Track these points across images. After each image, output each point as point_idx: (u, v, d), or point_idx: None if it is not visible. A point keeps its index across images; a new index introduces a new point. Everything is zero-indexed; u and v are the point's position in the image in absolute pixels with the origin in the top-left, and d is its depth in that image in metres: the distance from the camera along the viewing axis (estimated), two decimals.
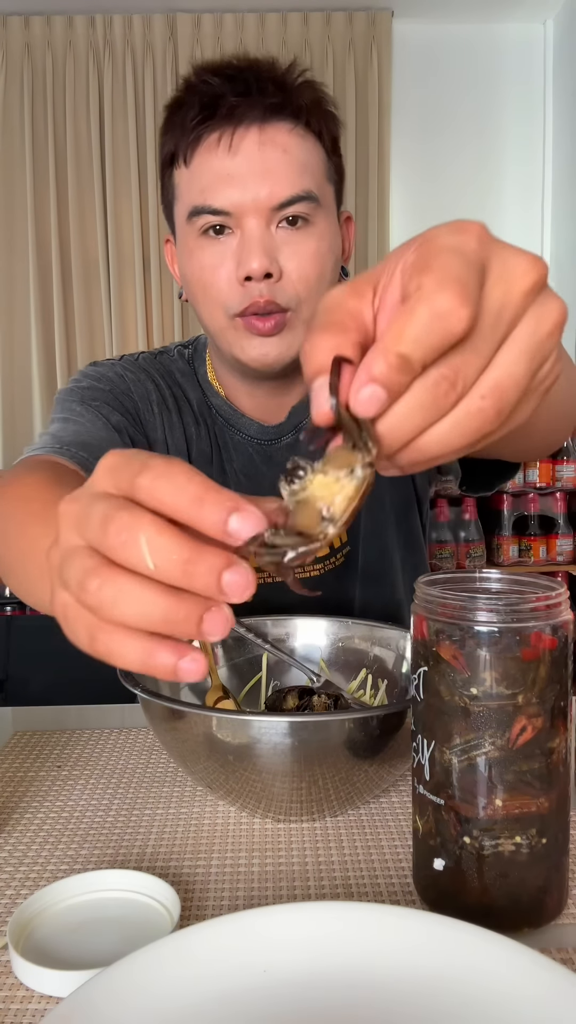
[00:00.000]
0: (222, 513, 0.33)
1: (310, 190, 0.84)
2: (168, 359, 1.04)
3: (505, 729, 0.51)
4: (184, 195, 0.86)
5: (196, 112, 0.82)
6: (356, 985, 0.45)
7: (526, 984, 0.43)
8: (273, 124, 0.82)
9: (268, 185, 0.82)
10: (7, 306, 3.68)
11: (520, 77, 3.74)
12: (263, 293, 0.83)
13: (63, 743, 0.84)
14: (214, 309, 0.87)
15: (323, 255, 0.86)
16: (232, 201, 0.82)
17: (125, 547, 0.33)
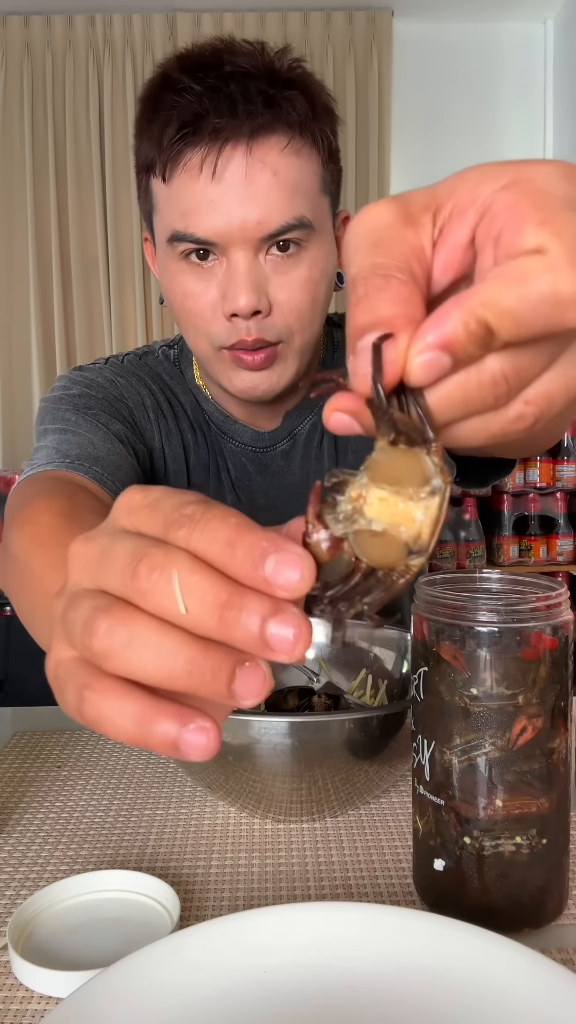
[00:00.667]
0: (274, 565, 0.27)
1: (302, 216, 0.76)
2: (154, 360, 0.97)
3: (505, 729, 0.51)
4: (164, 212, 0.78)
5: (175, 130, 0.73)
6: (356, 986, 0.45)
7: (526, 985, 0.43)
8: (262, 142, 0.73)
9: (256, 213, 0.74)
10: (7, 306, 3.68)
11: (520, 77, 3.74)
12: (251, 331, 0.77)
13: (63, 743, 0.84)
14: (198, 337, 0.81)
15: (316, 282, 0.79)
16: (216, 230, 0.74)
17: (156, 588, 0.27)
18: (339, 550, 0.29)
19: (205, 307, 0.78)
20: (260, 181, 0.73)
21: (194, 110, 0.73)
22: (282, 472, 0.96)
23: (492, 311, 0.25)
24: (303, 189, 0.76)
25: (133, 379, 0.93)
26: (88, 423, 0.84)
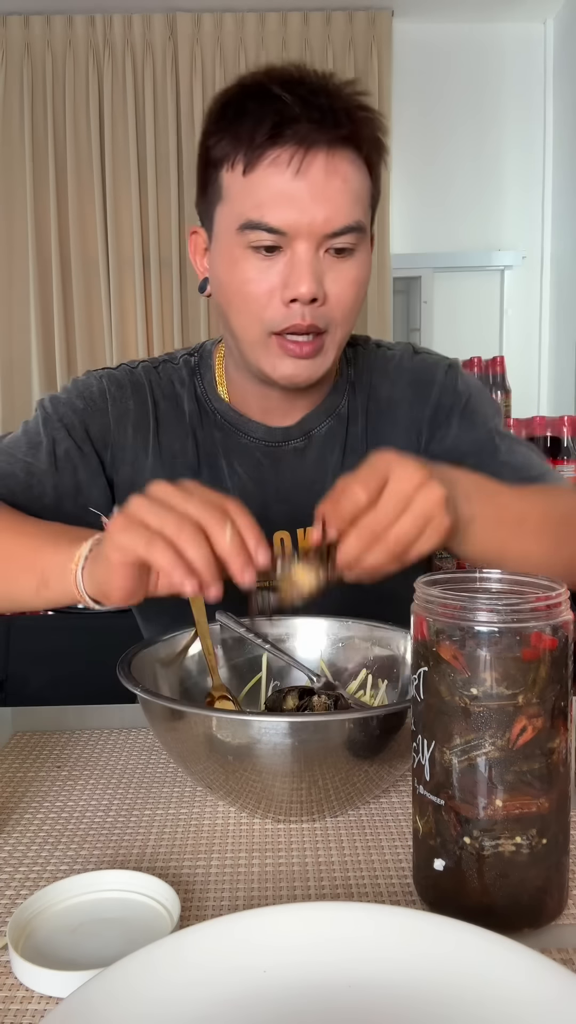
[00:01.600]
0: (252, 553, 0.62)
1: (360, 220, 0.86)
2: (171, 368, 1.04)
3: (505, 729, 0.51)
4: (235, 203, 0.86)
5: (268, 128, 0.82)
6: (356, 986, 0.45)
7: (526, 985, 0.43)
8: (339, 153, 0.83)
9: (326, 211, 0.83)
10: (7, 306, 3.68)
11: (520, 77, 3.74)
12: (305, 317, 0.85)
13: (63, 743, 0.84)
14: (250, 322, 0.88)
15: (361, 283, 0.89)
16: (288, 221, 0.83)
17: (220, 528, 0.61)
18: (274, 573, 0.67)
19: (264, 293, 0.86)
20: (333, 184, 0.83)
21: (288, 114, 0.82)
22: (295, 468, 1.01)
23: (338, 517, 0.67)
24: (361, 199, 0.87)
25: (128, 390, 1.01)
26: (45, 434, 0.97)
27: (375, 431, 1.02)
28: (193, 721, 0.64)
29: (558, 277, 3.72)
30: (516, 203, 3.79)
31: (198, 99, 3.65)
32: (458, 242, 3.75)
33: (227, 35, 3.64)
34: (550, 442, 2.99)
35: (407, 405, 1.02)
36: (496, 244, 3.81)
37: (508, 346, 3.83)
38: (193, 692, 0.81)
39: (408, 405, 1.02)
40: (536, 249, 3.82)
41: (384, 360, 1.05)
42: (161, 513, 0.61)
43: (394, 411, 1.02)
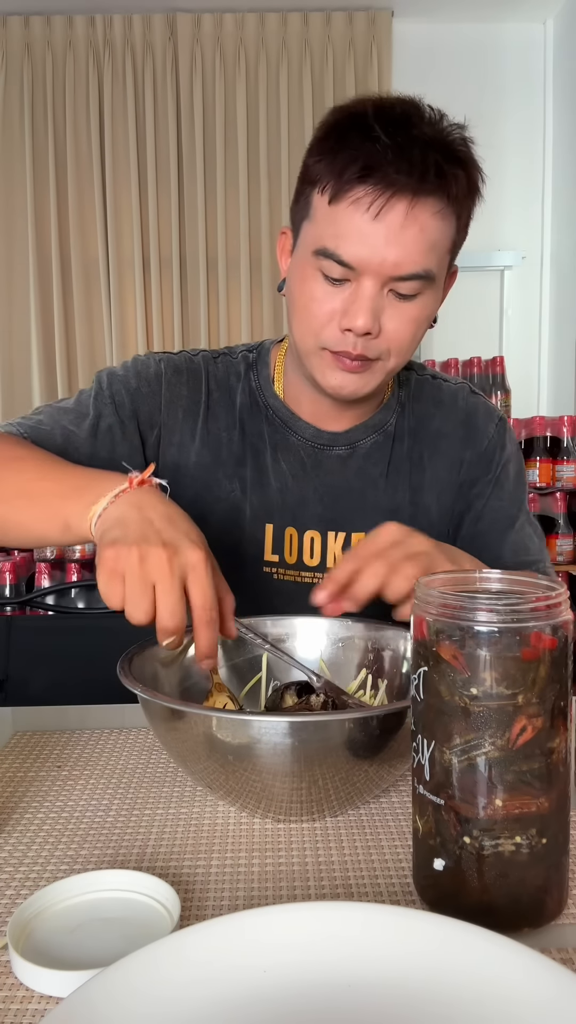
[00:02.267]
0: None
1: (430, 269, 0.88)
2: (229, 361, 1.08)
3: (505, 729, 0.51)
4: (318, 226, 0.89)
5: (357, 169, 0.84)
6: (356, 985, 0.45)
7: (527, 984, 0.43)
8: (422, 202, 0.85)
9: (396, 256, 0.86)
10: (7, 306, 3.68)
11: (520, 77, 3.74)
12: (357, 347, 0.89)
13: (63, 743, 0.84)
14: (307, 334, 0.92)
15: (420, 322, 0.91)
16: (360, 258, 0.86)
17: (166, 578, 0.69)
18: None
19: (325, 314, 0.90)
20: (409, 232, 0.86)
21: (379, 158, 0.84)
22: (336, 473, 1.04)
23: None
24: (437, 248, 0.89)
25: (184, 377, 1.05)
26: (93, 407, 1.01)
27: (419, 456, 1.06)
28: (193, 721, 0.64)
29: (558, 277, 3.72)
30: (516, 203, 3.79)
31: (198, 99, 3.65)
32: None
33: (227, 35, 3.64)
34: (550, 442, 2.99)
35: (456, 441, 1.07)
36: (496, 244, 3.81)
37: (508, 346, 3.83)
38: (193, 692, 0.81)
39: (457, 441, 1.07)
40: (536, 249, 3.82)
41: (439, 391, 1.09)
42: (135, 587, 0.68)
43: (440, 442, 1.06)
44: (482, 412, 1.09)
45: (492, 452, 1.07)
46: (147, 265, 3.70)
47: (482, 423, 1.08)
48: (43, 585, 2.69)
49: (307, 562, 1.03)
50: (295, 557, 1.03)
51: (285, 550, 1.03)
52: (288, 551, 1.03)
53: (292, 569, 1.03)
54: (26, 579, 2.69)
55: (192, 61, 3.64)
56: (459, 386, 1.11)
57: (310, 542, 1.03)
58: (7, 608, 2.46)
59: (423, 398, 1.08)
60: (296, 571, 1.03)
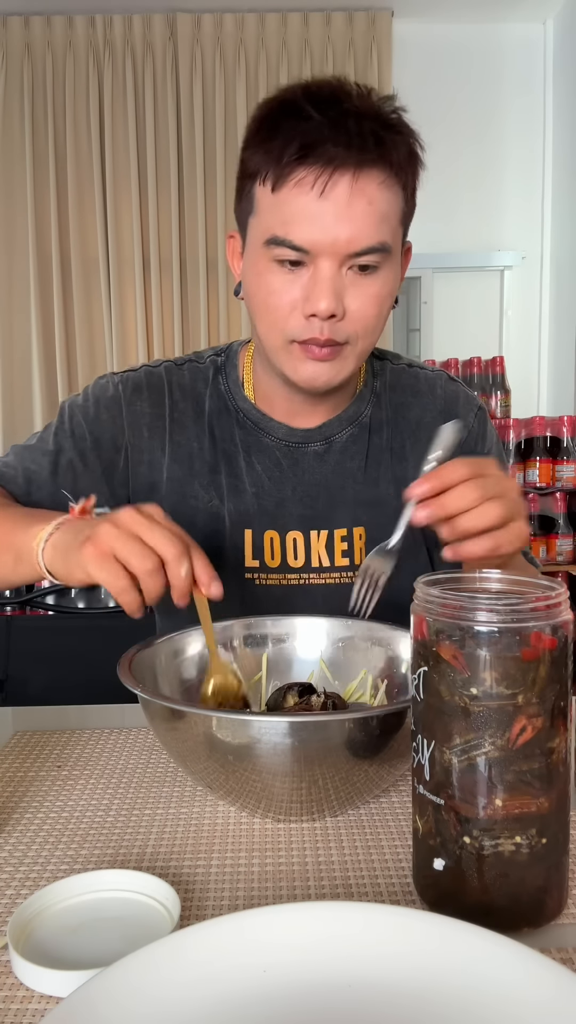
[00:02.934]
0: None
1: (384, 241, 0.87)
2: (196, 368, 1.07)
3: (505, 729, 0.51)
4: (264, 217, 0.88)
5: (295, 149, 0.84)
6: (356, 985, 0.45)
7: (527, 984, 0.43)
8: (365, 174, 0.84)
9: (348, 232, 0.84)
10: (7, 306, 3.68)
11: (520, 77, 3.74)
12: (324, 332, 0.87)
13: (63, 743, 0.84)
14: (272, 330, 0.91)
15: (384, 298, 0.90)
16: (311, 240, 0.85)
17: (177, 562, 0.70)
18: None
19: (286, 305, 0.88)
20: (357, 206, 0.84)
21: (315, 135, 0.84)
22: (313, 470, 1.03)
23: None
24: (388, 219, 0.87)
25: (145, 394, 1.04)
26: (54, 442, 1.03)
27: (400, 446, 1.04)
28: (193, 721, 0.64)
29: (558, 277, 3.72)
30: (516, 203, 3.79)
31: (198, 99, 3.65)
32: (458, 242, 3.75)
33: (227, 35, 3.64)
34: (550, 442, 2.99)
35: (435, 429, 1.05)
36: (496, 244, 3.81)
37: (508, 346, 3.83)
38: (193, 692, 0.81)
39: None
40: (536, 249, 3.82)
41: (416, 380, 1.08)
42: (128, 545, 0.69)
43: (420, 432, 1.05)
44: (462, 401, 1.07)
45: (472, 445, 1.06)
46: (147, 265, 3.70)
47: (462, 413, 1.06)
48: (43, 585, 2.69)
49: (291, 564, 1.01)
50: (278, 560, 1.02)
51: (266, 554, 1.01)
52: (269, 555, 1.01)
53: (275, 573, 1.01)
54: None
55: (192, 61, 3.64)
56: (436, 374, 1.09)
57: (293, 543, 1.02)
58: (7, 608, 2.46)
59: (399, 387, 1.07)
60: (280, 574, 1.01)
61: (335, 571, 1.02)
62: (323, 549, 1.02)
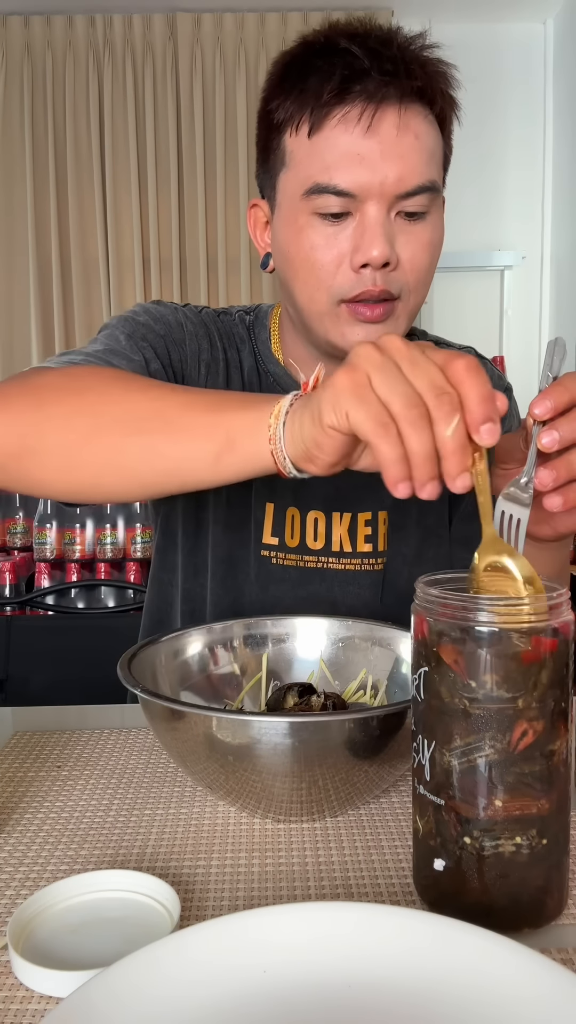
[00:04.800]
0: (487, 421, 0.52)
1: (434, 180, 0.81)
2: (229, 321, 1.00)
3: (506, 731, 0.50)
4: (301, 167, 0.81)
5: (336, 84, 0.77)
6: (356, 986, 0.45)
7: (527, 985, 0.43)
8: (411, 108, 0.79)
9: (398, 170, 0.78)
10: (7, 306, 3.68)
11: (520, 77, 3.74)
12: (377, 282, 0.80)
13: (63, 743, 0.84)
14: (317, 291, 0.83)
15: (435, 245, 0.84)
16: (359, 182, 0.78)
17: (446, 416, 0.52)
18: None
19: (332, 260, 0.81)
20: (406, 142, 0.78)
21: (357, 67, 0.77)
22: None
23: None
24: (435, 157, 0.82)
25: (201, 329, 0.96)
26: (132, 350, 0.87)
27: None
28: (193, 721, 0.64)
29: (558, 277, 3.72)
30: (516, 203, 3.79)
31: (198, 99, 3.65)
32: (458, 242, 3.74)
33: (227, 35, 3.64)
34: None
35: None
36: (496, 244, 3.81)
37: (508, 346, 3.83)
38: (194, 693, 0.81)
39: None
40: (536, 249, 3.82)
41: None
42: (392, 384, 0.53)
43: None
44: (492, 379, 1.03)
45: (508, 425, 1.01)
46: (147, 265, 3.70)
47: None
48: (43, 585, 2.69)
49: (310, 545, 0.96)
50: (297, 539, 0.96)
51: (286, 532, 0.96)
52: (289, 534, 0.96)
53: (293, 553, 0.97)
54: (26, 579, 2.70)
55: (192, 61, 3.64)
56: (465, 351, 1.04)
57: (314, 523, 0.96)
58: (7, 608, 2.46)
59: None
60: (298, 555, 0.97)
61: (356, 557, 0.98)
62: (345, 533, 0.97)
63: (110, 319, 0.93)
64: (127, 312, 0.94)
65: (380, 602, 1.00)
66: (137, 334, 0.89)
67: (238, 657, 0.86)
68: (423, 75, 0.80)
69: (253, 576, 0.97)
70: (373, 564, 0.99)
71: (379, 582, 1.00)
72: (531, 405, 0.61)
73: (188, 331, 0.94)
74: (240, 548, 0.98)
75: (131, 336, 0.88)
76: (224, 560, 0.99)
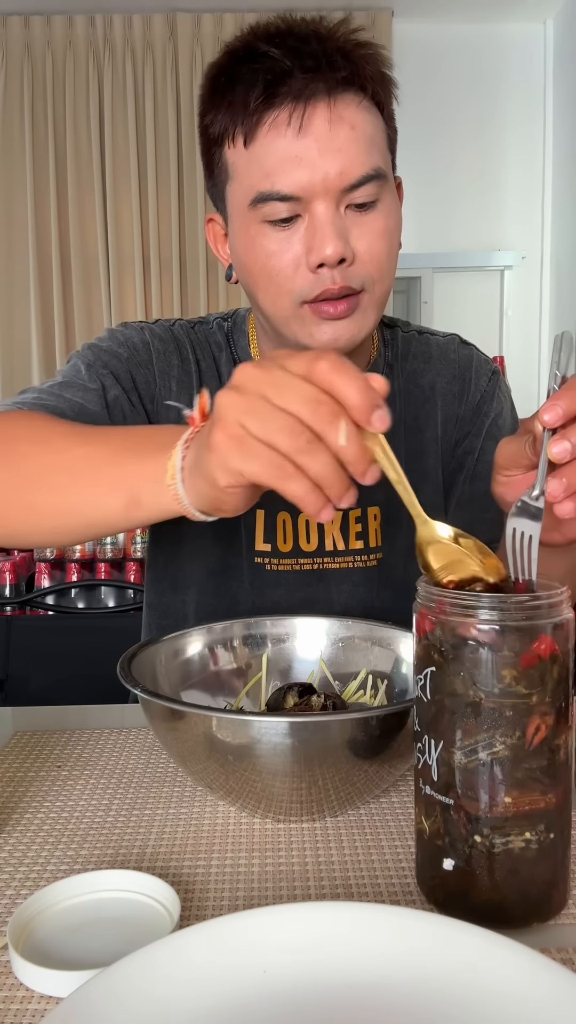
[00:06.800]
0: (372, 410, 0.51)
1: (379, 167, 0.80)
2: (206, 330, 1.00)
3: (516, 728, 0.51)
4: (243, 178, 0.81)
5: (260, 91, 0.77)
6: (355, 986, 0.45)
7: (526, 984, 0.43)
8: (341, 99, 0.78)
9: (339, 165, 0.77)
10: (7, 305, 3.68)
11: (520, 77, 3.74)
12: (336, 280, 0.80)
13: (63, 743, 0.84)
14: (279, 297, 0.83)
15: (391, 231, 0.83)
16: (301, 184, 0.77)
17: (331, 428, 0.50)
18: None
19: (288, 264, 0.81)
20: (341, 134, 0.77)
21: (278, 70, 0.77)
22: None
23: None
24: (376, 143, 0.81)
25: (171, 346, 0.96)
26: (89, 379, 0.88)
27: (413, 418, 0.99)
28: (193, 721, 0.64)
29: (558, 277, 3.72)
30: (516, 203, 3.79)
31: (198, 99, 3.65)
32: (458, 242, 3.75)
33: (227, 35, 3.61)
34: None
35: (451, 397, 1.00)
36: (496, 244, 3.81)
37: (508, 346, 3.83)
38: (193, 693, 0.81)
39: (452, 397, 1.00)
40: (536, 249, 3.82)
41: (427, 346, 1.02)
42: (266, 422, 0.51)
43: (435, 400, 1.00)
44: (475, 364, 1.02)
45: (481, 405, 1.00)
46: (147, 265, 3.70)
47: (475, 376, 1.01)
48: (43, 585, 2.69)
49: (304, 547, 0.96)
50: (290, 544, 0.96)
51: (278, 537, 0.96)
52: (282, 538, 0.96)
53: (287, 558, 0.96)
54: (26, 579, 2.70)
55: (192, 61, 3.64)
56: (449, 338, 1.03)
57: (305, 525, 0.95)
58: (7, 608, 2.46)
59: (411, 354, 1.01)
60: (292, 559, 0.96)
61: (349, 554, 0.98)
62: (337, 532, 0.96)
63: (80, 347, 0.95)
64: (95, 339, 0.96)
65: (377, 598, 1.00)
66: (98, 362, 0.91)
67: (238, 657, 0.86)
68: (348, 63, 0.78)
69: (248, 583, 0.97)
70: (367, 560, 0.99)
71: (374, 578, 1.00)
72: (540, 411, 0.58)
73: (156, 349, 0.95)
74: (233, 556, 0.98)
75: (91, 365, 0.90)
76: (216, 570, 0.99)
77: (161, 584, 1.04)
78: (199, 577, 1.00)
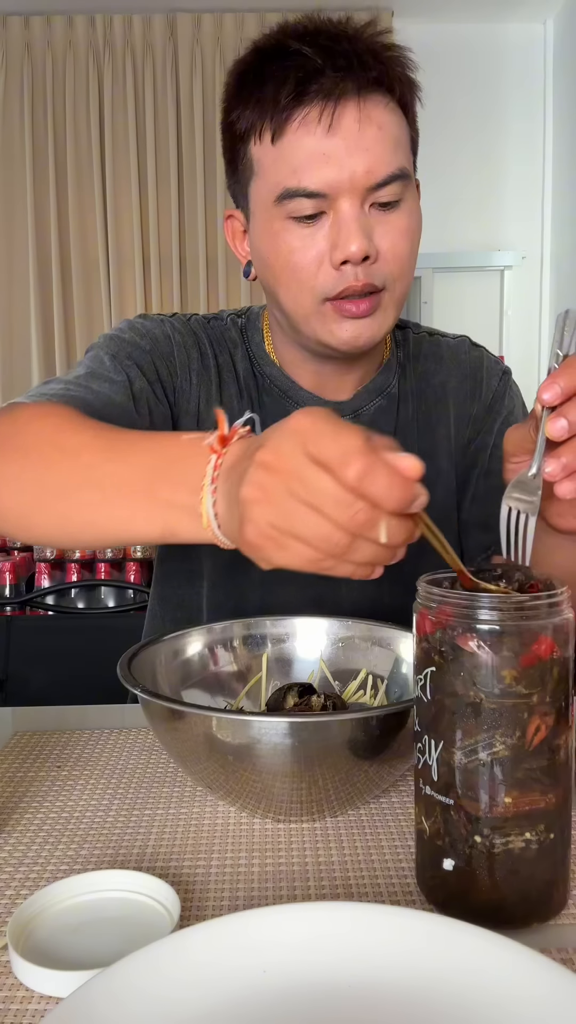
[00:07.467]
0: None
1: (404, 167, 0.81)
2: (221, 326, 1.00)
3: (514, 728, 0.51)
4: (269, 174, 0.82)
5: (291, 88, 0.77)
6: (356, 985, 0.45)
7: (526, 984, 0.43)
8: (370, 99, 0.79)
9: (365, 164, 0.79)
10: (7, 306, 3.68)
11: (520, 77, 3.74)
12: (359, 277, 0.81)
13: (63, 743, 0.84)
14: (300, 293, 0.84)
15: (414, 231, 0.84)
16: (328, 182, 0.79)
17: (371, 531, 0.47)
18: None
19: (312, 260, 0.82)
20: (369, 134, 0.79)
21: (310, 68, 0.77)
22: None
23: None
24: (402, 144, 0.82)
25: (191, 339, 0.97)
26: (115, 370, 0.87)
27: (425, 418, 1.00)
28: (193, 721, 0.64)
29: (558, 277, 3.72)
30: (516, 203, 3.79)
31: (198, 99, 3.65)
32: (458, 242, 3.75)
33: (227, 35, 3.64)
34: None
35: (463, 398, 1.01)
36: (496, 244, 3.81)
37: (508, 346, 3.83)
38: (193, 692, 0.81)
39: (464, 398, 1.01)
40: (536, 249, 3.82)
41: (438, 347, 1.04)
42: (298, 526, 0.48)
43: (447, 400, 1.01)
44: (487, 365, 1.04)
45: (494, 403, 1.02)
46: (147, 265, 3.70)
47: (486, 376, 1.02)
48: (43, 585, 2.69)
49: None
50: None
51: None
52: None
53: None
54: (26, 579, 2.70)
55: (192, 61, 3.64)
56: (459, 340, 1.05)
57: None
58: (7, 608, 2.46)
59: (422, 355, 1.02)
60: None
61: None
62: None
63: (97, 338, 0.94)
64: (113, 330, 0.95)
65: (387, 595, 1.00)
66: (122, 353, 0.90)
67: (238, 657, 0.86)
68: (378, 64, 0.79)
69: (258, 580, 0.97)
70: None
71: (384, 575, 0.99)
72: (539, 390, 0.58)
73: (176, 342, 0.95)
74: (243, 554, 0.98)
75: (115, 356, 0.89)
76: (226, 566, 0.99)
77: (177, 578, 1.04)
78: (210, 572, 1.01)
